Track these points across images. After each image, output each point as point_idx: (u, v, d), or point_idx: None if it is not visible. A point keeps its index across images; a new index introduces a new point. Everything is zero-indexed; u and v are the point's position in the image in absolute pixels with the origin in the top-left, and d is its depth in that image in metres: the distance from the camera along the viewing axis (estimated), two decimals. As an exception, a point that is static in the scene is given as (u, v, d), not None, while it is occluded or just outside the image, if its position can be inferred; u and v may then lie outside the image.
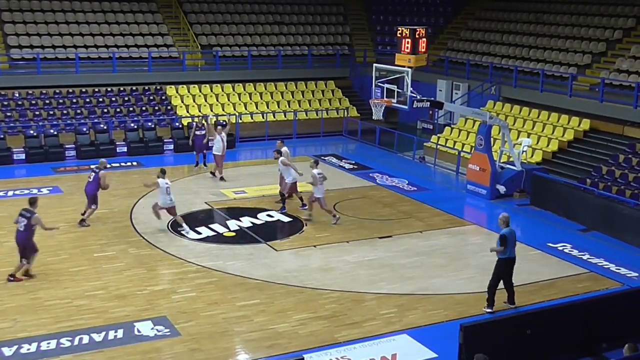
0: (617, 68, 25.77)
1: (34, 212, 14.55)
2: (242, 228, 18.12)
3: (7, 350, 11.84)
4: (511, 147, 21.77)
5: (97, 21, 30.70)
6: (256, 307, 13.71)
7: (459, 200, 21.61)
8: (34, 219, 14.46)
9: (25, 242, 14.57)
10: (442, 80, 30.46)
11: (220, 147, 22.04)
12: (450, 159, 25.21)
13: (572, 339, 12.12)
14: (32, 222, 14.44)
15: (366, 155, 26.64)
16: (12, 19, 29.48)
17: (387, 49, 33.43)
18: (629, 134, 23.29)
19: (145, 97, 28.78)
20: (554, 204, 20.11)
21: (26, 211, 14.56)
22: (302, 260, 16.15)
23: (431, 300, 14.24)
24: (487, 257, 16.76)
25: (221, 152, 22.10)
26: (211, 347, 12.16)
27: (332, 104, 31.48)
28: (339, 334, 12.72)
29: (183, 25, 32.08)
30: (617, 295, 13.86)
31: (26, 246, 14.58)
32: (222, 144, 22.04)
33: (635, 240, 17.63)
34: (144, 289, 14.33)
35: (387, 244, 17.38)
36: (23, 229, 14.46)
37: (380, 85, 21.12)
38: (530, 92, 26.81)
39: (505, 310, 13.56)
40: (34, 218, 14.47)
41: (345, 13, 36.48)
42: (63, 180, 22.12)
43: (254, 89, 30.85)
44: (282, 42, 33.36)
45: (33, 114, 26.47)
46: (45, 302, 13.67)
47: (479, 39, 32.15)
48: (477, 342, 11.00)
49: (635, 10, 27.76)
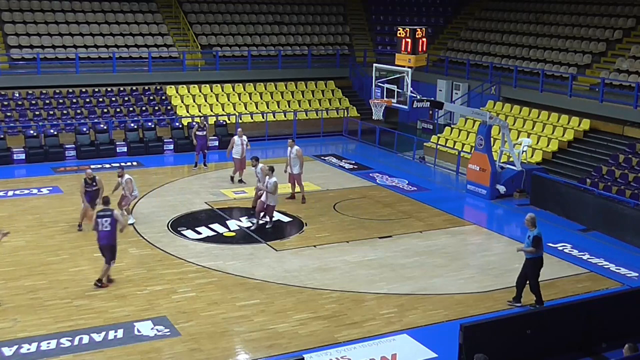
0: (617, 68, 25.77)
1: (112, 209, 14.40)
2: (242, 228, 18.12)
3: (7, 350, 11.83)
4: (511, 147, 21.77)
5: (97, 21, 30.70)
6: (256, 307, 13.70)
7: (459, 200, 21.61)
8: (115, 214, 14.30)
9: (113, 241, 14.33)
10: (442, 80, 30.47)
11: (239, 150, 21.73)
12: (450, 159, 25.21)
13: (572, 339, 12.13)
14: (115, 217, 14.23)
15: (366, 155, 26.65)
16: (12, 19, 29.47)
17: (387, 49, 33.45)
18: (629, 134, 23.29)
19: (145, 97, 28.78)
20: (553, 204, 20.11)
21: (103, 211, 14.33)
22: (302, 260, 16.14)
23: (431, 300, 14.24)
24: (487, 257, 16.83)
25: (240, 156, 21.77)
26: (211, 347, 12.16)
27: (332, 104, 31.48)
28: (339, 334, 12.72)
29: (183, 25, 32.09)
30: (617, 295, 13.85)
31: (114, 244, 14.36)
32: (242, 147, 21.73)
33: (635, 240, 17.63)
34: (144, 289, 14.33)
35: (387, 244, 17.38)
36: (109, 228, 14.18)
37: (380, 85, 21.11)
38: (530, 92, 26.82)
39: (506, 310, 13.56)
40: (116, 214, 14.33)
41: (345, 13, 36.48)
42: (63, 180, 22.11)
43: (254, 89, 30.84)
44: (282, 42, 33.36)
45: (33, 114, 26.47)
46: (45, 302, 13.67)
47: (479, 39, 32.16)
48: (477, 342, 11.01)
49: (635, 10, 27.76)
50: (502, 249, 17.47)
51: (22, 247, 16.46)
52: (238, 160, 21.88)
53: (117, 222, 14.29)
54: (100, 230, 14.29)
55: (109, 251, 14.35)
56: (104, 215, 14.27)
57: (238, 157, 21.83)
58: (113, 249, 14.41)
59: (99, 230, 14.29)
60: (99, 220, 14.29)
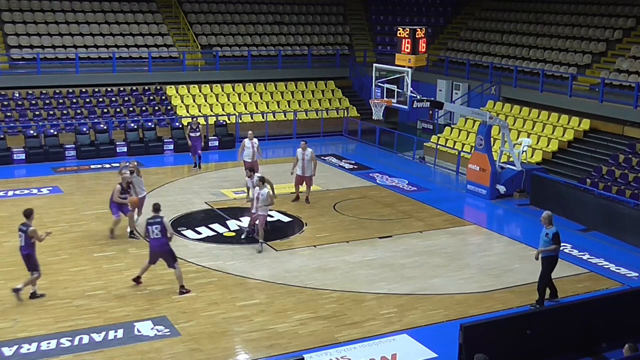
0: (617, 68, 25.78)
1: (162, 216, 14.10)
2: (242, 228, 18.11)
3: (7, 350, 11.83)
4: (511, 147, 21.78)
5: (97, 21, 30.71)
6: (256, 307, 13.71)
7: (459, 200, 21.61)
8: (165, 221, 14.07)
9: (167, 247, 14.05)
10: (442, 80, 30.47)
11: (250, 153, 21.19)
12: (450, 159, 25.21)
13: (572, 339, 12.12)
14: (164, 224, 14.01)
15: (366, 155, 26.65)
16: (12, 19, 29.48)
17: (387, 49, 33.46)
18: (629, 134, 23.30)
19: (145, 97, 28.78)
20: (553, 204, 20.03)
21: (153, 218, 14.10)
22: (302, 260, 16.14)
23: (431, 300, 14.24)
24: (487, 257, 16.83)
25: (251, 159, 21.15)
26: (211, 347, 12.16)
27: (332, 104, 31.49)
28: (339, 334, 12.72)
29: (183, 25, 32.09)
30: (617, 295, 13.86)
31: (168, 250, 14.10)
32: (253, 150, 21.19)
33: (635, 240, 17.63)
34: (144, 289, 14.33)
35: (387, 244, 17.38)
36: (159, 235, 13.95)
37: (380, 85, 21.11)
38: (530, 92, 26.82)
39: (505, 310, 13.56)
40: (165, 221, 14.08)
41: (345, 13, 36.48)
42: (63, 180, 22.12)
43: (254, 89, 30.84)
44: (282, 42, 33.37)
45: (33, 114, 26.47)
46: (45, 302, 13.67)
47: (479, 39, 32.16)
48: (477, 342, 11.01)
49: (635, 10, 27.77)
50: (502, 249, 17.48)
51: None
52: (249, 163, 21.12)
53: (167, 229, 14.03)
54: (151, 238, 14.07)
55: (168, 257, 14.11)
56: (154, 223, 14.03)
57: (249, 160, 21.17)
58: (170, 253, 14.14)
59: (150, 237, 14.08)
60: (149, 227, 14.06)
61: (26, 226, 13.76)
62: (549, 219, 13.78)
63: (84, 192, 20.91)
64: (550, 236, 13.66)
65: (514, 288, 14.88)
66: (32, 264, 13.78)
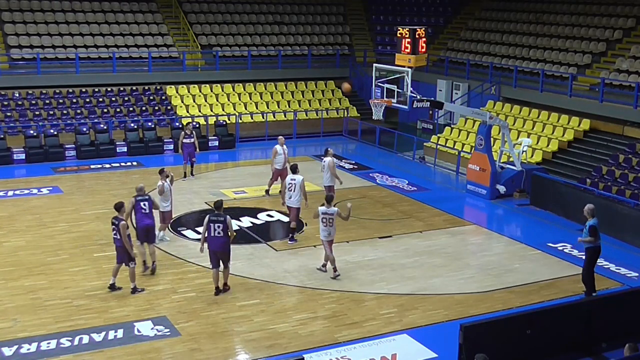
0: (617, 68, 25.77)
1: (225, 215, 13.71)
2: (242, 228, 18.12)
3: (7, 350, 11.83)
4: (511, 147, 21.77)
5: (97, 21, 30.70)
6: (256, 307, 13.70)
7: (459, 200, 21.61)
8: (228, 220, 13.65)
9: (227, 248, 13.83)
10: (442, 80, 30.46)
11: (281, 159, 20.21)
12: (450, 159, 25.21)
13: (572, 339, 12.12)
14: (228, 224, 13.60)
15: (366, 155, 26.65)
16: (12, 19, 29.47)
17: (387, 49, 33.45)
18: (629, 134, 23.29)
19: (145, 97, 28.78)
20: (553, 204, 20.11)
21: (216, 216, 13.64)
22: (302, 260, 16.14)
23: (431, 300, 14.23)
24: (487, 257, 16.83)
25: (282, 166, 20.13)
26: (211, 347, 12.16)
27: (332, 104, 31.49)
28: (339, 334, 12.72)
29: (183, 25, 32.09)
30: (617, 295, 13.85)
31: (228, 251, 13.88)
32: (284, 156, 20.25)
33: (635, 240, 17.63)
34: (144, 289, 14.32)
35: (387, 244, 17.38)
36: (222, 234, 13.60)
37: (380, 85, 21.10)
38: (530, 92, 26.82)
39: (505, 310, 13.56)
40: (229, 220, 13.66)
41: (345, 13, 36.48)
42: (63, 180, 22.11)
43: (254, 89, 30.84)
44: (282, 42, 33.36)
45: (33, 114, 26.47)
46: (45, 302, 13.67)
47: (479, 39, 32.16)
48: (477, 342, 11.01)
49: (635, 10, 27.76)
50: (502, 249, 17.47)
51: (22, 247, 16.46)
52: (278, 171, 20.25)
53: (229, 229, 13.67)
54: (213, 237, 13.67)
55: (225, 257, 13.92)
56: (217, 221, 13.62)
57: (280, 167, 20.19)
58: (229, 255, 13.96)
59: (211, 236, 13.67)
60: (211, 225, 13.62)
61: (118, 220, 13.83)
62: (590, 212, 14.05)
63: (84, 192, 20.91)
64: (587, 228, 13.97)
65: (514, 288, 14.87)
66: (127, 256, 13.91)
